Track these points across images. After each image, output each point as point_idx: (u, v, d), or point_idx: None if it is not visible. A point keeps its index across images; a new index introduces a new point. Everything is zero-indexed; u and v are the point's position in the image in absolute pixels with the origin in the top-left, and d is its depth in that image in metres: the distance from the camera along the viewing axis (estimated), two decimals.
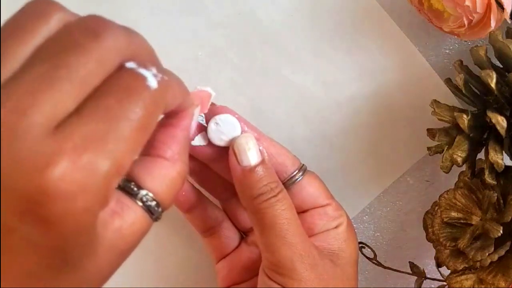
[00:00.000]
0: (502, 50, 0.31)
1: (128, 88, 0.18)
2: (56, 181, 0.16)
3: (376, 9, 0.36)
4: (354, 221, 0.38)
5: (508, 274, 0.30)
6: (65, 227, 0.17)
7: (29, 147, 0.16)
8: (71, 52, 0.17)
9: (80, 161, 0.17)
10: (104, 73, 0.18)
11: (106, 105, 0.18)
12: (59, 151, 0.16)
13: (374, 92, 0.37)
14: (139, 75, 0.19)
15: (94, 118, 0.17)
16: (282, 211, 0.29)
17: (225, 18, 0.36)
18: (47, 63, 0.17)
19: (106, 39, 0.18)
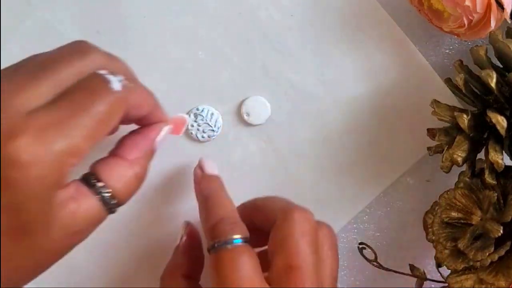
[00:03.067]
0: (502, 50, 0.31)
1: (93, 88, 0.23)
2: (17, 151, 0.20)
3: (376, 9, 0.36)
4: (354, 221, 0.38)
5: (508, 274, 0.30)
6: (20, 191, 0.21)
7: (7, 121, 0.20)
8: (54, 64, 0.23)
9: (40, 138, 0.21)
10: (75, 79, 0.23)
11: (72, 99, 0.22)
12: (25, 128, 0.21)
13: (374, 92, 0.37)
14: (104, 79, 0.24)
15: (60, 108, 0.22)
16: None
17: (225, 18, 0.36)
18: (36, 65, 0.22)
19: (86, 58, 0.24)
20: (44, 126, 0.21)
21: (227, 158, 0.37)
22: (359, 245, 0.36)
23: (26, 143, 0.21)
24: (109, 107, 0.23)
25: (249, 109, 0.36)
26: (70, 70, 0.23)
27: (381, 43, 0.36)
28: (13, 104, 0.21)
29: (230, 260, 0.28)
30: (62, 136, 0.22)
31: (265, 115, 0.37)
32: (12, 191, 0.21)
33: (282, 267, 0.28)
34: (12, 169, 0.20)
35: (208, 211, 0.31)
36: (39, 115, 0.21)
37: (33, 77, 0.22)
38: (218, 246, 0.29)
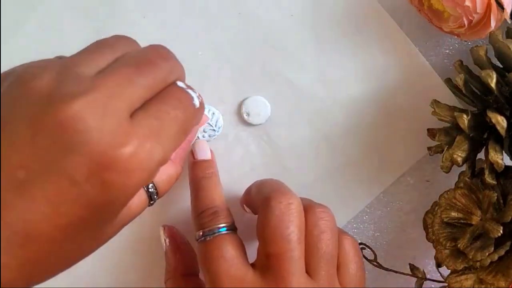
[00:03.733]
0: (502, 50, 0.31)
1: (181, 101, 0.24)
2: (126, 156, 0.21)
3: (376, 9, 0.36)
4: (354, 221, 0.38)
5: (508, 274, 0.30)
6: (117, 193, 0.21)
7: (113, 124, 0.21)
8: (147, 65, 0.23)
9: (145, 146, 0.21)
10: (164, 85, 0.24)
11: (165, 110, 0.23)
12: (133, 134, 0.21)
13: (375, 92, 0.37)
14: (188, 94, 0.25)
15: (157, 117, 0.22)
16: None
17: (225, 18, 0.36)
18: (130, 68, 0.22)
19: (171, 62, 0.25)
20: (146, 135, 0.22)
21: (227, 158, 0.37)
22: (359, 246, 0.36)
23: (133, 150, 0.21)
24: (191, 122, 0.25)
25: (249, 109, 0.36)
26: (160, 74, 0.23)
27: (381, 43, 0.36)
28: (116, 106, 0.21)
29: (212, 250, 0.29)
30: (160, 145, 0.22)
31: (265, 115, 0.37)
32: (108, 192, 0.21)
33: (263, 255, 0.29)
34: (116, 173, 0.21)
35: (194, 201, 0.32)
36: (141, 122, 0.22)
37: (131, 80, 0.22)
38: (203, 236, 0.30)
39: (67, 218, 0.21)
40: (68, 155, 0.20)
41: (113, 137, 0.20)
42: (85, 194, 0.21)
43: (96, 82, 0.21)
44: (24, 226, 0.20)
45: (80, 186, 0.20)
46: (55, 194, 0.20)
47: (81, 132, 0.20)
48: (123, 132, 0.21)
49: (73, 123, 0.20)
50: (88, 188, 0.20)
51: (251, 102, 0.37)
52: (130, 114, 0.22)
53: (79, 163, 0.20)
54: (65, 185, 0.20)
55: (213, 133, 0.36)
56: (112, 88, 0.21)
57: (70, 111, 0.20)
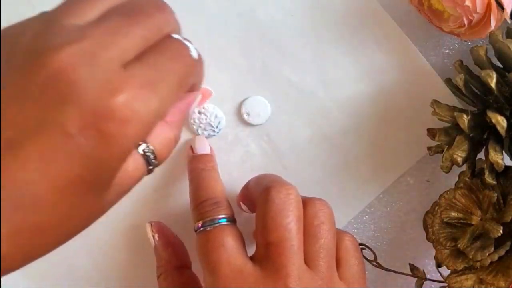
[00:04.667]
0: (502, 50, 0.31)
1: (177, 51, 0.23)
2: (121, 105, 0.20)
3: (376, 9, 0.36)
4: (354, 221, 0.38)
5: (508, 274, 0.30)
6: (114, 146, 0.20)
7: (105, 73, 0.20)
8: (141, 14, 0.22)
9: (140, 95, 0.20)
10: (159, 36, 0.23)
11: (161, 60, 0.22)
12: (127, 83, 0.20)
13: (374, 92, 0.37)
14: (185, 45, 0.24)
15: (152, 67, 0.21)
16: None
17: (225, 18, 0.36)
18: (122, 18, 0.21)
19: (166, 13, 0.24)
20: (141, 84, 0.21)
21: (227, 158, 0.37)
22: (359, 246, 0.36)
23: (127, 99, 0.20)
24: (189, 74, 0.24)
25: (249, 109, 0.36)
26: (154, 24, 0.22)
27: (381, 43, 0.36)
28: (108, 56, 0.20)
29: (212, 240, 0.29)
30: (156, 96, 0.21)
31: (265, 115, 0.37)
32: (105, 144, 0.20)
33: (262, 244, 0.28)
34: (111, 122, 0.20)
35: (193, 193, 0.32)
36: (135, 71, 0.21)
37: (123, 29, 0.21)
38: (202, 226, 0.30)
39: (63, 176, 0.19)
40: (59, 107, 0.19)
41: (106, 86, 0.20)
42: (80, 147, 0.19)
43: (85, 32, 0.20)
44: (17, 189, 0.19)
45: (74, 139, 0.19)
46: (49, 150, 0.19)
47: (71, 82, 0.19)
48: (117, 81, 0.20)
49: (62, 73, 0.19)
50: (83, 140, 0.19)
51: (251, 102, 0.37)
52: (123, 64, 0.21)
53: (72, 114, 0.19)
54: (59, 139, 0.19)
55: (213, 133, 0.36)
56: (103, 37, 0.20)
57: (58, 61, 0.19)
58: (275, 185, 0.29)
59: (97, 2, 0.22)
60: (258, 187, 0.31)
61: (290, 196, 0.29)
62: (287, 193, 0.29)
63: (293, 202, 0.29)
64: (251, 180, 0.33)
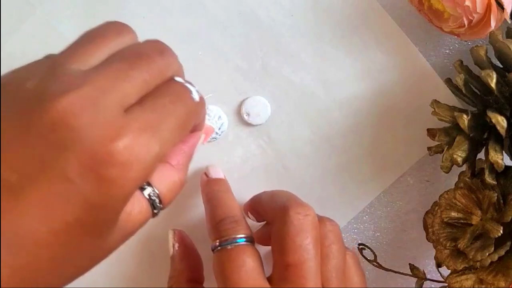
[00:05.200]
0: (502, 50, 0.31)
1: (179, 94, 0.24)
2: (121, 150, 0.20)
3: (376, 9, 0.36)
4: (354, 221, 0.38)
5: (508, 274, 0.30)
6: (114, 190, 0.20)
7: (105, 118, 0.20)
8: (142, 58, 0.22)
9: (141, 139, 0.21)
10: (161, 79, 0.23)
11: (162, 103, 0.22)
12: (127, 128, 0.20)
13: (374, 92, 0.37)
14: (186, 87, 0.24)
15: (153, 111, 0.22)
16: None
17: (225, 18, 0.36)
18: (123, 62, 0.22)
19: (168, 56, 0.24)
20: (142, 127, 0.21)
21: (227, 158, 0.37)
22: (359, 246, 0.36)
23: (127, 143, 0.20)
24: (190, 116, 0.24)
25: (249, 109, 0.36)
26: (156, 69, 0.23)
27: (381, 43, 0.36)
28: (109, 101, 0.20)
29: (232, 260, 0.29)
30: (156, 139, 0.21)
31: (265, 115, 0.37)
32: (105, 188, 0.20)
33: (281, 266, 0.28)
34: (111, 167, 0.20)
35: (212, 212, 0.32)
36: (136, 115, 0.21)
37: (124, 74, 0.21)
38: (221, 245, 0.29)
39: (63, 220, 0.20)
40: (60, 152, 0.19)
41: (107, 131, 0.20)
42: (80, 192, 0.20)
43: (87, 78, 0.21)
44: (17, 232, 0.19)
45: (75, 184, 0.20)
46: (50, 195, 0.19)
47: (72, 128, 0.19)
48: (117, 126, 0.20)
49: (63, 119, 0.19)
50: (83, 185, 0.20)
51: (251, 102, 0.37)
52: (124, 109, 0.21)
53: (72, 160, 0.19)
54: (59, 184, 0.19)
55: (215, 135, 0.36)
56: (104, 82, 0.21)
57: (59, 107, 0.19)
58: (293, 205, 0.29)
59: (101, 47, 0.22)
60: (273, 204, 0.31)
61: (309, 217, 0.29)
62: (305, 214, 0.29)
63: (312, 223, 0.29)
64: (263, 194, 0.34)
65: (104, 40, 0.23)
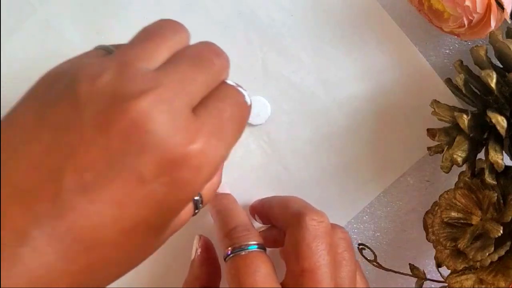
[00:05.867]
0: (502, 50, 0.31)
1: (236, 98, 0.24)
2: (196, 153, 0.20)
3: (376, 9, 0.36)
4: (354, 221, 0.38)
5: (508, 274, 0.30)
6: (185, 191, 0.21)
7: (180, 121, 0.20)
8: (204, 62, 0.23)
9: (212, 142, 0.21)
10: (217, 82, 0.24)
11: (223, 107, 0.23)
12: (200, 131, 0.21)
13: (374, 92, 0.37)
14: (241, 92, 0.25)
15: (217, 115, 0.22)
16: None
17: (225, 18, 0.36)
18: (189, 63, 0.22)
19: (223, 59, 0.25)
20: (211, 131, 0.21)
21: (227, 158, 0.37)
22: (359, 246, 0.36)
23: (201, 146, 0.21)
24: (246, 119, 0.25)
25: None
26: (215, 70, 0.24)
27: (381, 43, 0.36)
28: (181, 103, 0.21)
29: (246, 266, 0.29)
30: (223, 142, 0.22)
31: (265, 115, 0.37)
32: (177, 190, 0.21)
33: (296, 272, 0.28)
34: (186, 169, 0.20)
35: (222, 221, 0.32)
36: (205, 119, 0.22)
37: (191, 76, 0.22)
38: (234, 252, 0.30)
39: (133, 220, 0.20)
40: (137, 154, 0.20)
41: (182, 134, 0.20)
42: (153, 193, 0.20)
43: (160, 79, 0.21)
44: (89, 231, 0.19)
45: (149, 185, 0.20)
46: (124, 195, 0.20)
47: (150, 130, 0.20)
48: (191, 129, 0.21)
49: (142, 122, 0.20)
50: (157, 187, 0.20)
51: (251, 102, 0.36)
52: (192, 110, 0.21)
53: (149, 161, 0.20)
54: (134, 185, 0.20)
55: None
56: (176, 84, 0.21)
57: (139, 109, 0.20)
58: (309, 212, 0.30)
59: (161, 45, 0.23)
60: (286, 210, 0.31)
61: (323, 224, 0.29)
62: (320, 221, 0.29)
63: (326, 230, 0.29)
64: (274, 199, 0.34)
65: (164, 38, 0.23)
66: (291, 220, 0.30)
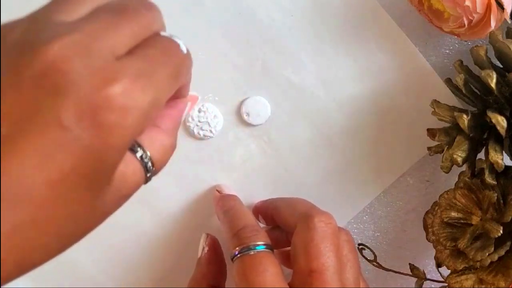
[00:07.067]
0: (502, 50, 0.31)
1: (168, 46, 0.23)
2: (118, 95, 0.19)
3: (376, 9, 0.36)
4: (354, 221, 0.38)
5: (508, 274, 0.30)
6: (113, 137, 0.20)
7: (99, 63, 0.19)
8: (130, 12, 0.22)
9: (137, 85, 0.20)
10: (148, 33, 0.23)
11: (153, 53, 0.22)
12: (122, 73, 0.20)
13: (374, 92, 0.37)
14: (174, 41, 0.24)
15: (145, 60, 0.21)
16: None
17: (225, 18, 0.36)
18: (112, 13, 0.21)
19: (154, 12, 0.24)
20: (137, 74, 0.20)
21: (227, 158, 0.37)
22: (359, 246, 0.36)
23: (124, 88, 0.20)
24: (181, 68, 0.24)
25: (249, 109, 0.36)
26: (143, 21, 0.23)
27: (381, 43, 0.36)
28: (101, 47, 0.20)
29: (254, 265, 0.29)
30: (152, 86, 0.21)
31: (265, 115, 0.37)
32: (103, 135, 0.19)
33: (304, 272, 0.28)
34: (109, 112, 0.19)
35: (230, 222, 0.32)
36: (129, 62, 0.20)
37: (114, 25, 0.21)
38: (242, 252, 0.30)
39: (60, 170, 0.19)
40: (54, 99, 0.18)
41: (102, 76, 0.19)
42: (77, 139, 0.19)
43: (76, 26, 0.20)
44: (13, 185, 0.18)
45: (71, 131, 0.19)
46: (45, 144, 0.18)
47: (65, 73, 0.19)
48: (112, 71, 0.20)
49: (55, 64, 0.19)
50: (80, 132, 0.19)
51: (251, 102, 0.37)
52: (115, 57, 0.20)
53: (67, 106, 0.18)
54: (56, 132, 0.18)
55: (210, 134, 0.36)
56: (94, 31, 0.20)
57: (51, 52, 0.19)
58: (316, 213, 0.30)
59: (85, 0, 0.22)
60: (293, 211, 0.31)
61: (331, 225, 0.29)
62: (328, 222, 0.29)
63: (334, 231, 0.29)
64: (279, 201, 0.34)
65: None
66: (299, 221, 0.30)
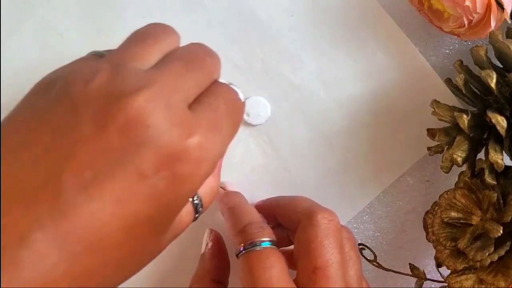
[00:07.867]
0: (502, 50, 0.31)
1: (230, 95, 0.24)
2: (195, 146, 0.21)
3: (376, 9, 0.36)
4: (354, 221, 0.38)
5: (508, 274, 0.30)
6: (185, 186, 0.21)
7: (177, 116, 0.21)
8: (196, 61, 0.23)
9: (208, 136, 0.21)
10: (211, 81, 0.24)
11: (217, 103, 0.23)
12: (198, 125, 0.21)
13: (374, 92, 0.37)
14: (234, 89, 0.25)
15: (213, 111, 0.22)
16: None
17: (225, 18, 0.36)
18: (181, 63, 0.23)
19: (215, 59, 0.25)
20: (208, 126, 0.21)
21: (227, 158, 0.37)
22: (359, 246, 0.36)
23: (200, 140, 0.21)
24: (241, 116, 0.25)
25: (249, 109, 0.37)
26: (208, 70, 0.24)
27: (381, 43, 0.36)
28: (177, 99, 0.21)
29: (260, 261, 0.29)
30: (220, 137, 0.22)
31: (265, 115, 0.37)
32: (177, 185, 0.20)
33: (308, 269, 0.28)
34: (186, 163, 0.20)
35: (235, 219, 0.32)
36: (201, 114, 0.22)
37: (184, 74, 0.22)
38: (247, 248, 0.30)
39: (135, 217, 0.20)
40: (136, 149, 0.20)
41: (181, 128, 0.20)
42: (154, 188, 0.20)
43: (154, 77, 0.21)
44: (91, 231, 0.19)
45: (150, 180, 0.20)
46: (124, 191, 0.19)
47: (148, 126, 0.20)
48: (189, 123, 0.21)
49: (140, 117, 0.20)
50: (157, 181, 0.20)
51: (251, 102, 0.37)
52: (188, 107, 0.22)
53: (149, 156, 0.20)
54: (134, 181, 0.19)
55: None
56: (170, 81, 0.21)
57: (136, 105, 0.20)
58: (319, 210, 0.30)
59: (154, 47, 0.23)
60: (296, 209, 0.31)
61: (334, 222, 0.30)
62: (331, 219, 0.30)
63: (337, 228, 0.30)
64: (280, 199, 0.34)
65: (155, 40, 0.23)
66: (302, 218, 0.30)
